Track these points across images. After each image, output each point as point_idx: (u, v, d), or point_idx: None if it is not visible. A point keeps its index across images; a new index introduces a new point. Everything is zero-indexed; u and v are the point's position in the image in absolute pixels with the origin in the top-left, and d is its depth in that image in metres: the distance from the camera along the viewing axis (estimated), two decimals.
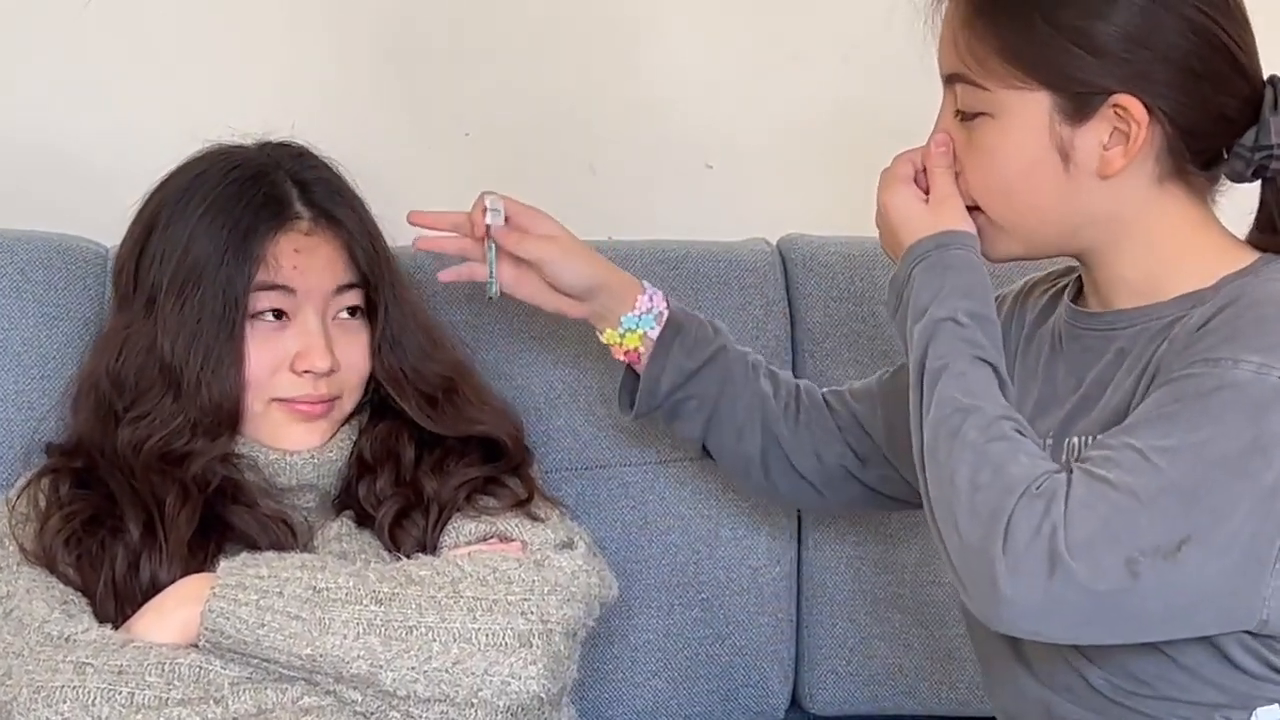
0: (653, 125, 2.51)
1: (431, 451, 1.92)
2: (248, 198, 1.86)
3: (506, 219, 1.93)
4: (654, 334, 1.93)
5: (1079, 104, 1.58)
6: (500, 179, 2.44)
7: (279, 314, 1.86)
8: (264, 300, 1.85)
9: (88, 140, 2.35)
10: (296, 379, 1.86)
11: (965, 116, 1.65)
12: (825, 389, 2.00)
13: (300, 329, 1.86)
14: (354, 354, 1.90)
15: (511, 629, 1.71)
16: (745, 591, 2.15)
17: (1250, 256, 1.62)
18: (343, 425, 1.92)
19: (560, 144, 2.49)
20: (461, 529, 1.87)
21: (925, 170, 1.71)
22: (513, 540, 1.85)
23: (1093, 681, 1.62)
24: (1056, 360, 1.71)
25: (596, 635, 1.87)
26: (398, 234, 2.00)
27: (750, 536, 2.16)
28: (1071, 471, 1.51)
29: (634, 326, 1.93)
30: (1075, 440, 1.64)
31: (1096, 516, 1.47)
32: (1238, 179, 1.62)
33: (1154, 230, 1.63)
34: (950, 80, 1.66)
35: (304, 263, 1.86)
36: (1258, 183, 1.64)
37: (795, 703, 2.22)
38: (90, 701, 1.66)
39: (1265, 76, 1.61)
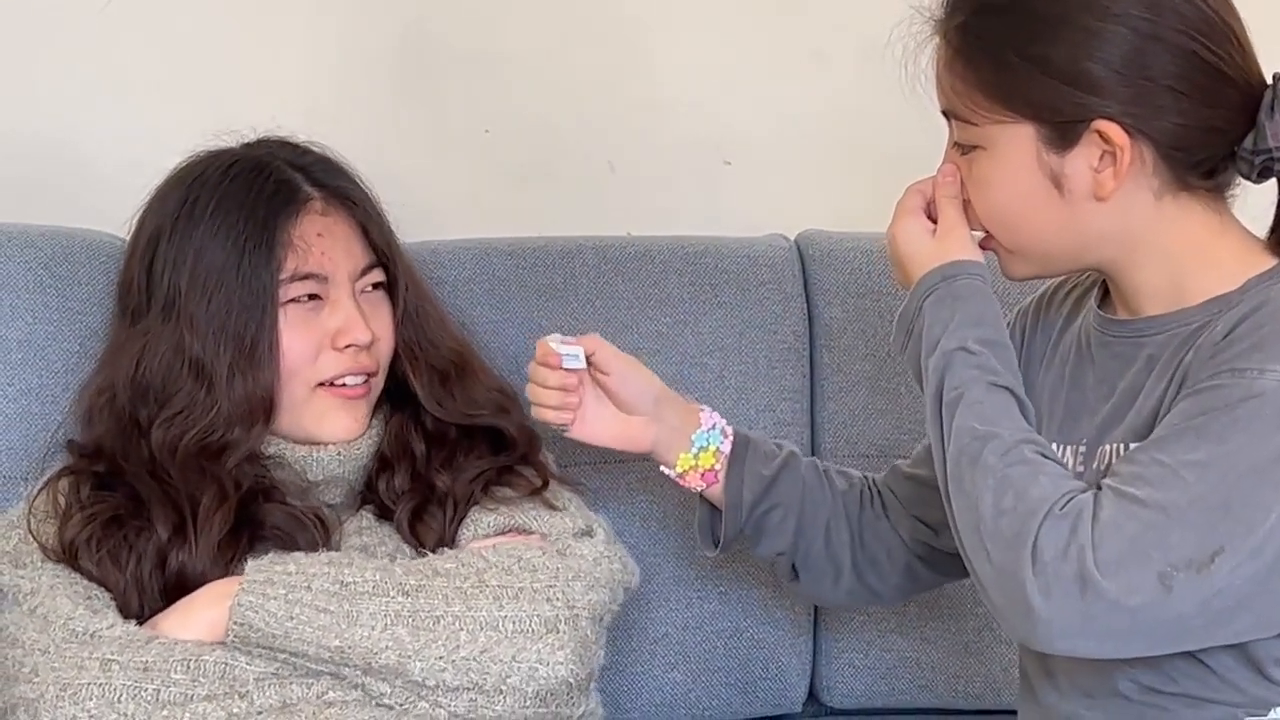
0: (671, 123, 2.51)
1: (440, 448, 1.92)
2: (256, 188, 1.87)
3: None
4: (725, 448, 1.91)
5: (1062, 132, 1.59)
6: (520, 177, 2.47)
7: (313, 297, 1.87)
8: (298, 288, 1.86)
9: (109, 136, 2.36)
10: (339, 356, 1.87)
11: (963, 149, 1.67)
12: (878, 475, 1.97)
13: (335, 307, 1.88)
14: (383, 326, 1.92)
15: (538, 615, 1.72)
16: (763, 585, 2.15)
17: (1276, 258, 1.62)
18: (372, 418, 1.93)
19: (579, 142, 2.50)
20: (480, 521, 1.88)
21: (935, 201, 1.72)
22: (532, 533, 1.86)
23: (1120, 687, 1.63)
24: (1085, 367, 1.71)
25: (615, 628, 1.87)
26: (411, 230, 2.02)
27: None
28: (1099, 489, 1.52)
29: (706, 443, 1.91)
30: (1109, 448, 1.64)
31: (1126, 535, 1.48)
32: (1248, 180, 1.62)
33: (1168, 241, 1.62)
34: (945, 115, 1.68)
35: (329, 246, 1.88)
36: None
37: (813, 695, 2.22)
38: (116, 698, 1.67)
39: (1266, 77, 1.60)
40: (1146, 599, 1.47)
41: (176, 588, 1.79)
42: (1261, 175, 1.60)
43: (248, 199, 1.87)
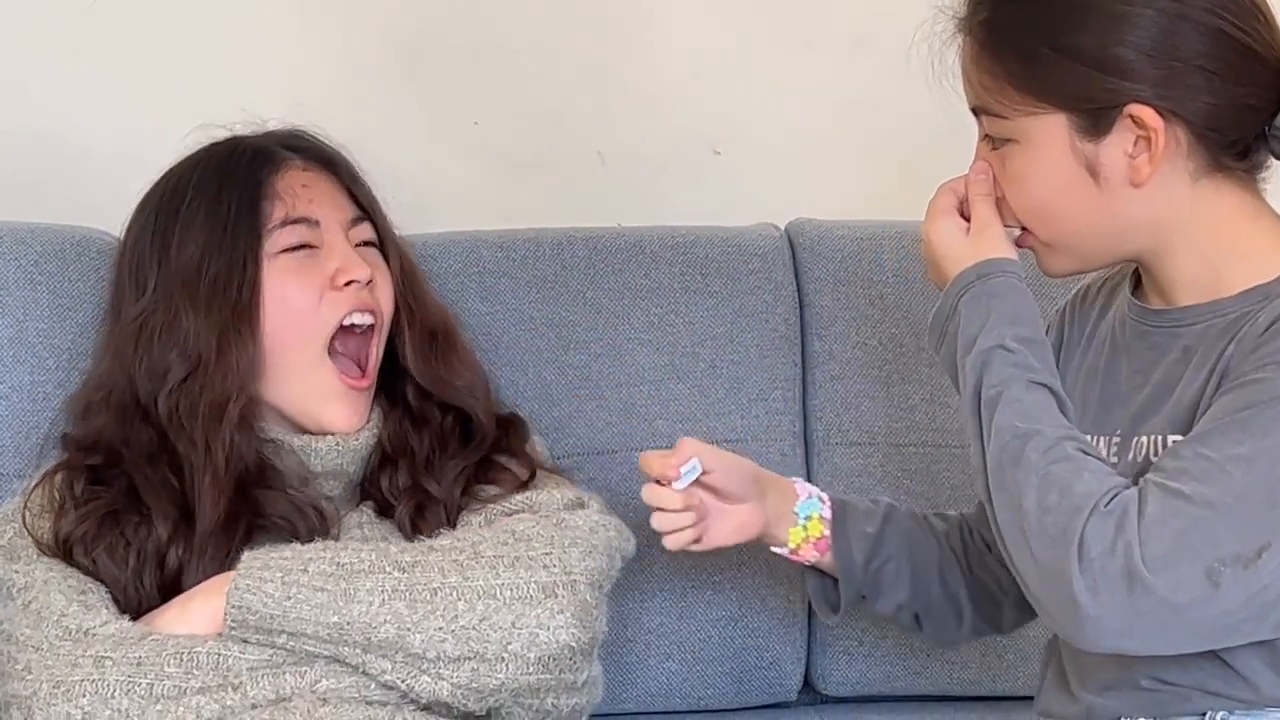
0: (661, 113, 2.51)
1: (425, 432, 1.93)
2: (232, 160, 1.91)
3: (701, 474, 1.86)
4: (827, 514, 1.90)
5: (1095, 120, 1.59)
6: (510, 167, 2.47)
7: (307, 246, 1.89)
8: (289, 235, 1.88)
9: (99, 133, 2.36)
10: (341, 295, 1.88)
11: (995, 144, 1.66)
12: (968, 511, 1.95)
13: (331, 251, 1.89)
14: (381, 276, 1.93)
15: (535, 581, 1.72)
16: (758, 574, 2.15)
17: None
18: (370, 411, 1.93)
19: (569, 132, 2.50)
20: (469, 524, 1.87)
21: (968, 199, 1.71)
22: (518, 513, 1.86)
23: (1141, 683, 1.62)
24: (1118, 356, 1.71)
25: (610, 619, 1.87)
26: (401, 222, 2.02)
27: None
28: (1142, 484, 1.52)
29: (810, 512, 1.89)
30: (1144, 439, 1.63)
31: (1172, 531, 1.48)
32: (1278, 158, 1.62)
33: (1203, 226, 1.62)
34: (975, 112, 1.68)
35: (315, 195, 1.91)
36: None
37: (808, 684, 2.22)
38: (110, 694, 1.67)
39: None
40: (1195, 596, 1.47)
41: (173, 584, 1.79)
42: None
43: (225, 167, 1.90)
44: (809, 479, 2.18)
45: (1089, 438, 1.65)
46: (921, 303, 2.21)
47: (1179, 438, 1.58)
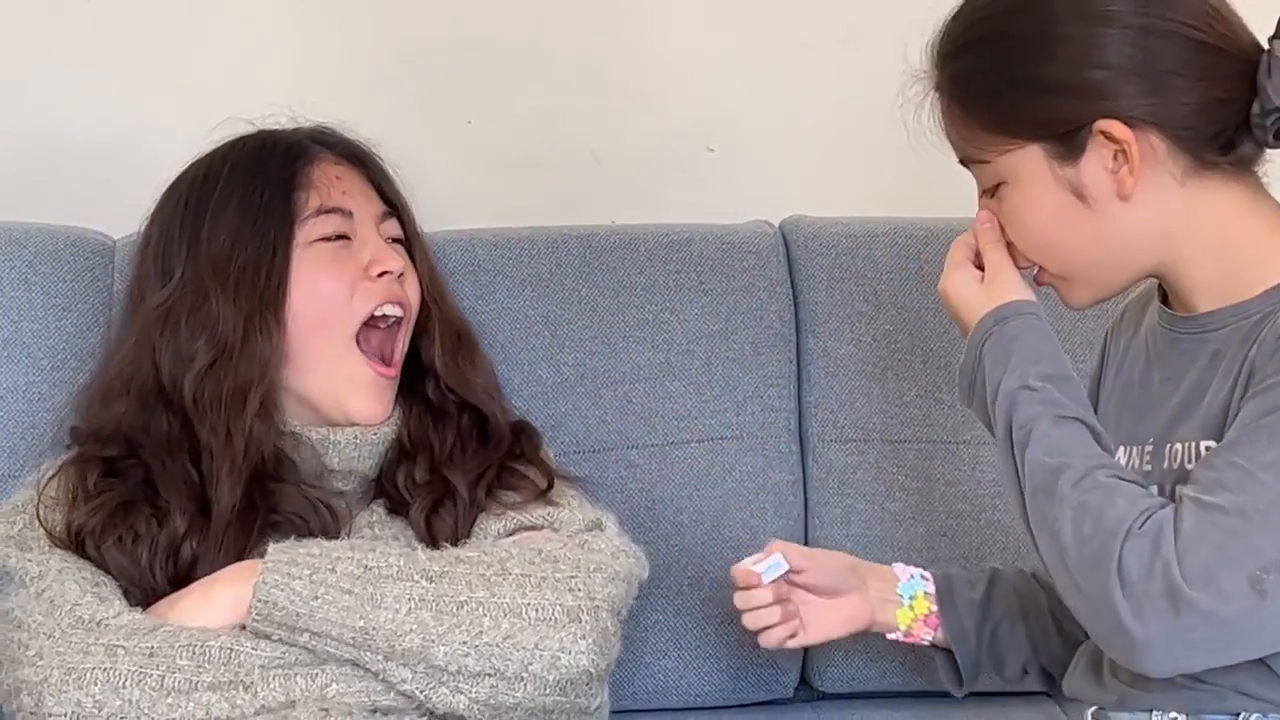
0: (655, 111, 2.51)
1: (445, 428, 1.93)
2: (266, 152, 1.92)
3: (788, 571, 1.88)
4: (931, 589, 1.91)
5: (1067, 143, 1.60)
6: (504, 166, 2.47)
7: (341, 237, 1.90)
8: (325, 224, 1.90)
9: (93, 133, 2.36)
10: (373, 286, 1.89)
11: (989, 192, 1.68)
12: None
13: (364, 243, 1.91)
14: (409, 273, 1.95)
15: (560, 605, 1.73)
16: None
17: None
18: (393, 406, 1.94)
19: (563, 131, 2.50)
20: (488, 529, 1.88)
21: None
22: (541, 529, 1.87)
23: (1178, 680, 1.61)
24: (1151, 366, 1.71)
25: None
26: None
27: (757, 517, 2.17)
28: (1177, 500, 1.52)
29: (914, 591, 1.91)
30: (1178, 447, 1.63)
31: (1210, 544, 1.48)
32: (1266, 147, 1.62)
33: (1204, 227, 1.62)
34: (963, 163, 1.69)
35: (348, 187, 1.93)
36: None
37: (804, 681, 2.22)
38: (121, 684, 1.67)
39: (1256, 36, 1.60)
40: (1241, 606, 1.47)
41: (186, 577, 1.79)
42: (1278, 138, 1.60)
43: (258, 158, 1.92)
44: (804, 476, 2.19)
45: (1123, 448, 1.66)
46: (916, 299, 2.22)
47: (1211, 443, 1.58)
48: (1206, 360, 1.62)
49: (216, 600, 1.75)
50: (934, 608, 1.91)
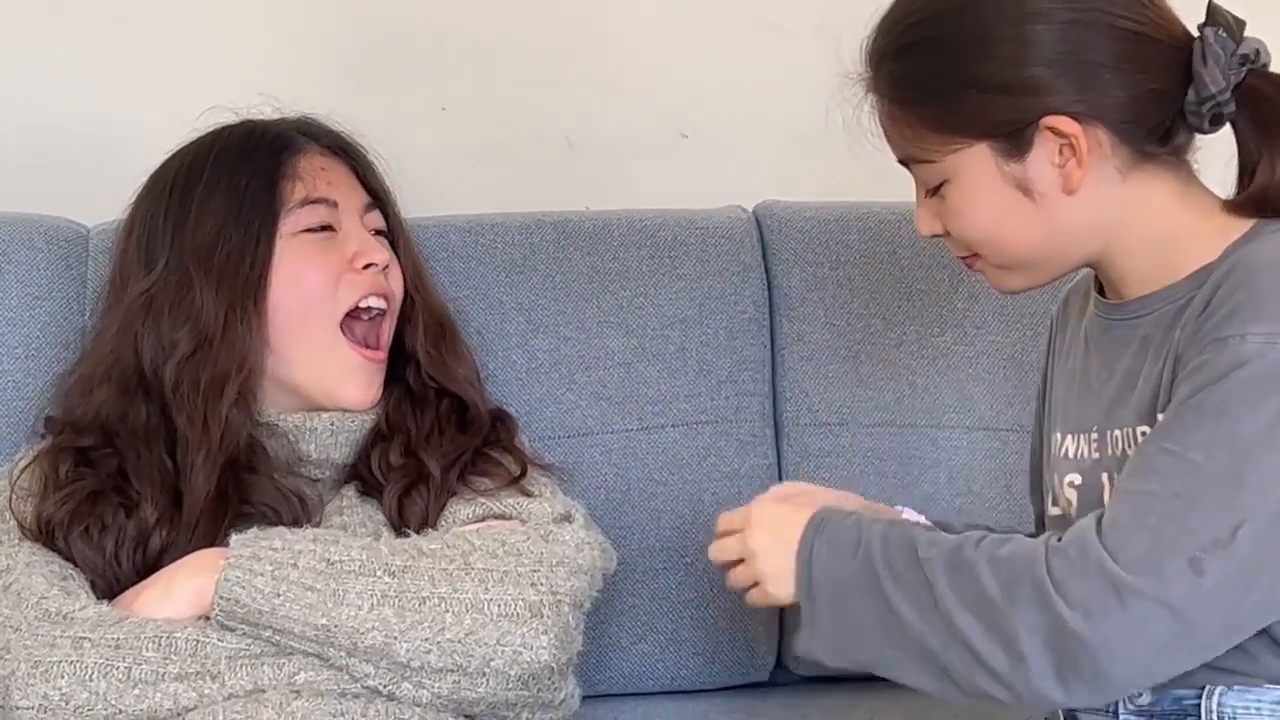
0: (627, 97, 2.52)
1: (425, 414, 1.94)
2: (252, 143, 1.93)
3: None
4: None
5: (1014, 141, 1.60)
6: (478, 153, 2.47)
7: (325, 228, 1.91)
8: (310, 215, 1.90)
9: (68, 122, 2.36)
10: (358, 278, 1.90)
11: (931, 191, 1.68)
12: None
13: (349, 234, 1.92)
14: (393, 265, 1.95)
15: (523, 599, 1.73)
16: None
17: (1250, 221, 1.62)
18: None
19: (536, 117, 2.50)
20: (458, 514, 1.88)
21: None
22: (510, 518, 1.87)
23: None
24: (1090, 354, 1.72)
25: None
26: None
27: (733, 500, 2.15)
28: (1114, 489, 1.54)
29: None
30: (1118, 433, 1.64)
31: (1148, 530, 1.48)
32: (1201, 133, 1.63)
33: (1144, 219, 1.63)
34: (904, 163, 1.69)
35: (333, 178, 1.93)
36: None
37: (781, 664, 2.23)
38: (88, 676, 1.67)
39: (1187, 26, 1.61)
40: (1184, 587, 1.47)
41: (153, 568, 1.79)
42: (1214, 124, 1.61)
43: (244, 147, 1.92)
44: (779, 460, 2.20)
45: (1071, 436, 1.67)
46: (890, 283, 2.22)
47: (1146, 429, 1.58)
48: (1137, 346, 1.63)
49: (178, 592, 1.75)
50: None
